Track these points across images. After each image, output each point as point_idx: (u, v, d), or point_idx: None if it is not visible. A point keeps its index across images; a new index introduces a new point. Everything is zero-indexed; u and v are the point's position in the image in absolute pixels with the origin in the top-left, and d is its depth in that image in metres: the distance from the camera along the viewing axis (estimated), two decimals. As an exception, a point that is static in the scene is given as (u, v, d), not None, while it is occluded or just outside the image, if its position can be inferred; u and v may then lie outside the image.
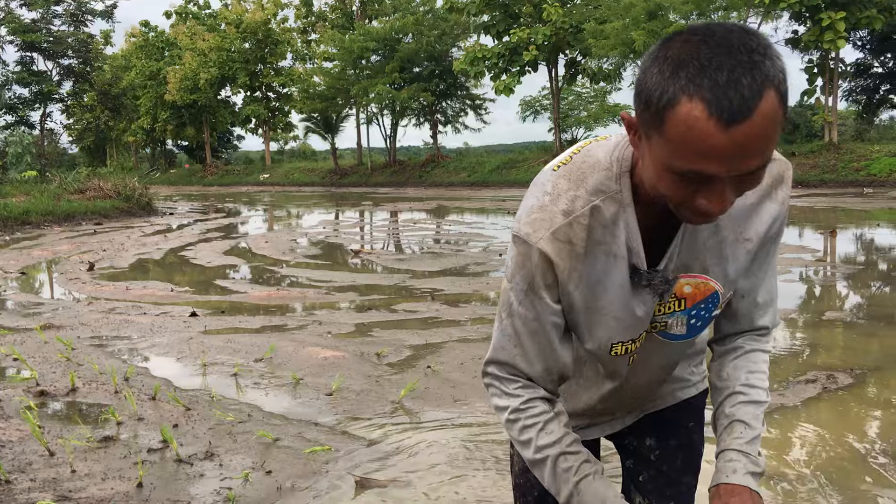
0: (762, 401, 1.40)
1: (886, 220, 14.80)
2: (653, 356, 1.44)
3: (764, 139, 1.03)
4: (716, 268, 1.32)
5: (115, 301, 7.87)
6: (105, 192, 21.16)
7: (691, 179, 1.07)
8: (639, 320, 1.34)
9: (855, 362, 4.98)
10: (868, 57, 34.29)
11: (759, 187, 1.24)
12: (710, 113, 0.99)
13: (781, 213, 1.33)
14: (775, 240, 1.36)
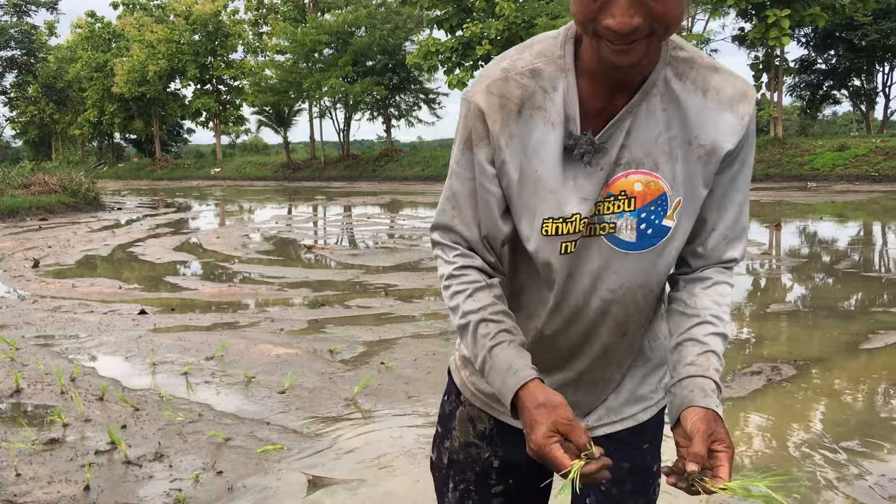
0: (727, 335, 1.35)
1: (829, 214, 15.19)
2: (602, 274, 1.33)
3: None
4: (665, 166, 1.27)
5: (60, 299, 7.71)
6: (50, 187, 20.66)
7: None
8: (575, 196, 1.27)
9: (799, 354, 5.12)
10: (812, 54, 35.09)
11: (720, 95, 1.27)
12: None
13: (743, 131, 1.28)
14: (742, 168, 1.32)
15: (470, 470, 1.58)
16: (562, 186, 1.27)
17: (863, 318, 6.20)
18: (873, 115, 35.73)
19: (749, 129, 1.29)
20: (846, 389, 4.44)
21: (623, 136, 1.26)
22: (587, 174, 1.27)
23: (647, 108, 1.26)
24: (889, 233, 12.76)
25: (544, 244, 1.31)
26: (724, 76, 1.29)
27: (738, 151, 1.30)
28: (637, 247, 1.31)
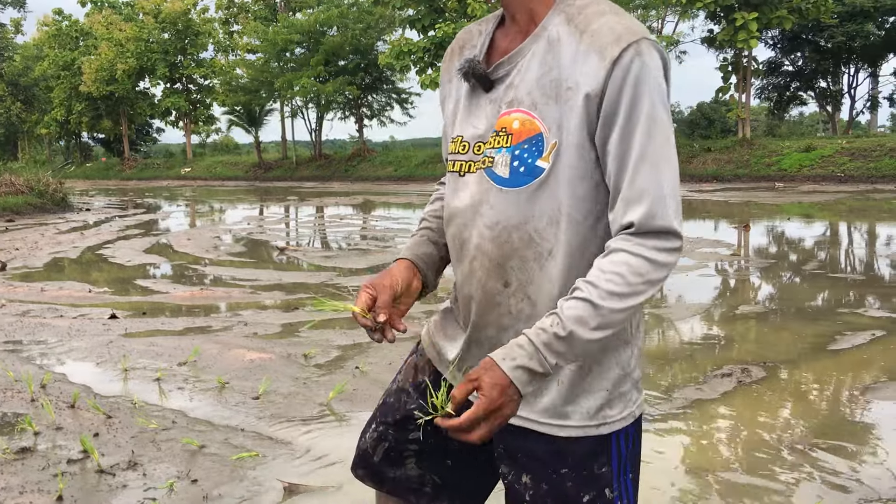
0: (589, 299, 1.25)
1: (796, 214, 15.42)
2: (480, 207, 1.38)
3: None
4: (544, 108, 1.31)
5: (29, 303, 7.60)
6: (17, 188, 20.35)
7: None
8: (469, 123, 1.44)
9: (768, 355, 5.20)
10: (779, 55, 35.58)
11: (594, 38, 1.28)
12: None
13: (606, 74, 1.26)
14: (629, 122, 1.27)
15: (391, 414, 1.69)
16: (464, 111, 1.46)
17: (830, 318, 6.32)
18: (839, 116, 36.31)
19: (623, 77, 1.26)
20: (815, 391, 4.53)
21: (513, 77, 1.37)
22: (484, 108, 1.41)
23: (534, 50, 1.35)
24: (854, 233, 12.99)
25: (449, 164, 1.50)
26: (608, 21, 1.29)
27: (614, 101, 1.27)
28: (510, 183, 1.34)
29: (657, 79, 1.28)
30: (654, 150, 1.28)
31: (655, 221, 1.28)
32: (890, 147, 24.42)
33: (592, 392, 1.39)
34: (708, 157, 28.05)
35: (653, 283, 1.29)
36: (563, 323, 1.24)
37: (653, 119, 1.27)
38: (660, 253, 1.28)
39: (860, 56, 32.83)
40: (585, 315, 1.24)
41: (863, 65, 34.02)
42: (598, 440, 1.41)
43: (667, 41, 28.43)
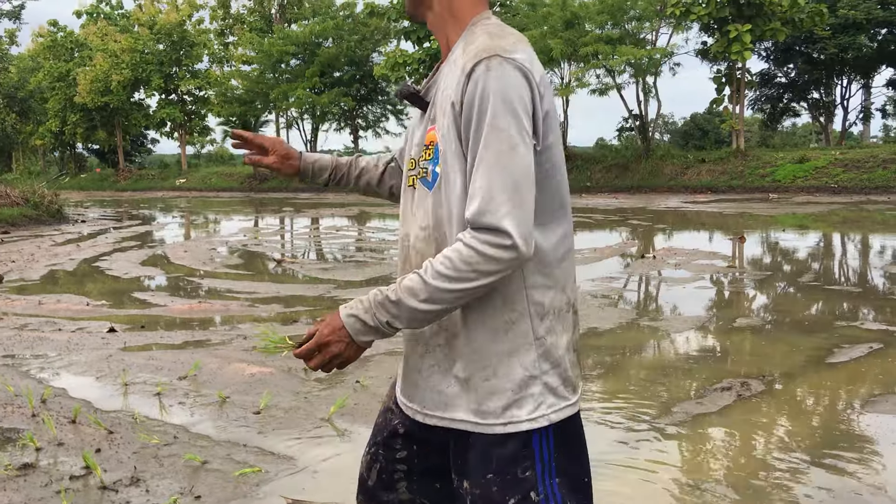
0: (422, 275, 1.45)
1: (791, 226, 15.48)
2: (416, 211, 1.59)
3: None
4: (440, 121, 1.52)
5: (27, 316, 7.59)
6: (12, 200, 20.30)
7: None
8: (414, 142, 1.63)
9: (767, 369, 5.22)
10: (772, 67, 35.78)
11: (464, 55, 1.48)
12: None
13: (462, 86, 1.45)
14: (475, 129, 1.44)
15: (380, 434, 1.77)
16: (413, 132, 1.65)
17: (827, 331, 6.35)
18: (832, 128, 36.49)
19: (472, 90, 1.44)
20: (815, 405, 4.55)
21: (433, 96, 1.58)
22: (421, 127, 1.61)
23: (444, 71, 1.55)
24: (849, 244, 13.05)
25: (404, 179, 1.67)
26: (479, 42, 1.47)
27: (468, 111, 1.45)
28: (429, 189, 1.55)
29: (503, 91, 1.42)
30: (491, 156, 1.42)
31: (485, 218, 1.41)
32: (883, 158, 24.56)
33: (498, 392, 1.50)
34: (702, 168, 28.16)
35: (482, 273, 1.41)
36: (398, 290, 1.46)
37: (493, 127, 1.41)
38: (489, 247, 1.40)
39: (853, 67, 33.05)
40: (416, 288, 1.44)
41: (855, 76, 34.24)
42: (518, 444, 1.50)
43: (661, 53, 28.57)
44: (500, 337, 1.50)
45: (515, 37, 1.50)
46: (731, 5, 26.25)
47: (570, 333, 1.56)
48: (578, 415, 1.59)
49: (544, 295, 1.51)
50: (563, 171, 1.57)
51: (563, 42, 28.21)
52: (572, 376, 1.56)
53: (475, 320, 1.50)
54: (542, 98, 1.47)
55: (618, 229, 15.48)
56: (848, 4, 29.56)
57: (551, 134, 1.50)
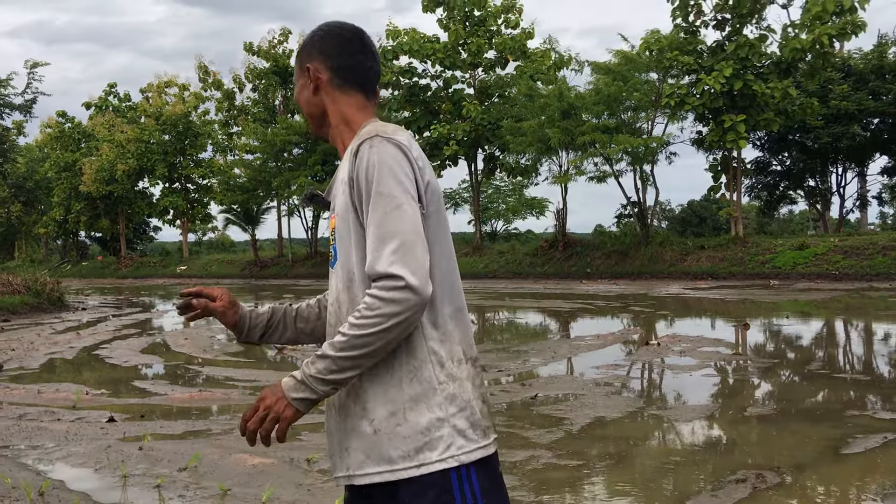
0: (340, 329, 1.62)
1: (794, 312, 15.44)
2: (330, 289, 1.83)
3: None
4: (335, 204, 1.78)
5: (26, 406, 7.48)
6: (14, 287, 20.30)
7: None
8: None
9: (781, 460, 5.11)
10: (767, 156, 36.33)
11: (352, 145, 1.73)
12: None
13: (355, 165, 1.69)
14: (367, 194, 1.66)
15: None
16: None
17: (838, 420, 6.24)
18: (829, 215, 36.82)
19: (359, 164, 1.68)
20: (834, 498, 4.44)
21: (332, 189, 1.83)
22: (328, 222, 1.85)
23: (341, 165, 1.79)
24: (853, 331, 12.99)
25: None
26: (366, 129, 1.75)
27: (358, 183, 1.68)
28: (331, 267, 1.81)
29: (386, 162, 1.65)
30: (378, 216, 1.63)
31: (377, 268, 1.61)
32: (882, 245, 24.69)
33: (409, 436, 1.63)
34: (702, 254, 28.28)
35: (386, 315, 1.58)
36: (322, 347, 1.64)
37: (378, 193, 1.64)
38: (385, 291, 1.58)
39: (847, 156, 33.55)
40: (335, 341, 1.61)
41: (850, 164, 34.73)
42: (437, 490, 1.61)
43: (657, 142, 29.06)
44: (405, 384, 1.65)
45: (395, 126, 1.76)
46: (725, 96, 26.86)
47: (471, 382, 1.71)
48: (494, 460, 1.71)
49: (441, 346, 1.68)
50: (446, 241, 1.76)
51: (560, 131, 28.74)
52: (482, 421, 1.70)
53: (382, 373, 1.65)
54: (421, 171, 1.70)
55: (620, 316, 15.43)
56: (839, 95, 30.24)
57: (432, 205, 1.71)
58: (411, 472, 1.61)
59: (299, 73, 1.88)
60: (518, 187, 49.75)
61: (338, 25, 1.91)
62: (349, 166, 1.71)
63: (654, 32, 28.08)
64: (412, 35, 34.63)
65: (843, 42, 27.63)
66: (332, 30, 1.90)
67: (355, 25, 1.92)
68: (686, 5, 27.78)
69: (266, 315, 2.03)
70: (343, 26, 1.91)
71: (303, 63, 1.87)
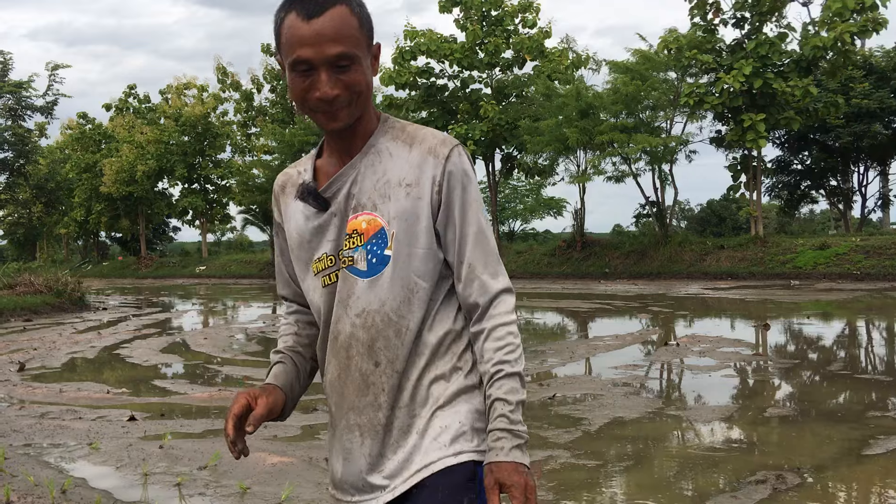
0: (514, 372, 1.56)
1: (815, 312, 15.30)
2: (349, 301, 1.61)
3: (338, 29, 1.50)
4: (382, 206, 1.59)
5: (48, 405, 7.56)
6: (36, 287, 20.51)
7: (300, 73, 1.52)
8: (324, 241, 1.65)
9: (801, 461, 5.07)
10: (788, 155, 36.04)
11: (423, 144, 1.61)
12: (297, 14, 1.50)
13: (445, 169, 1.59)
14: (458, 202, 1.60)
15: None
16: (314, 236, 1.66)
17: (860, 421, 6.19)
18: (851, 214, 36.46)
19: (451, 169, 1.60)
20: (854, 499, 4.40)
21: (350, 187, 1.62)
22: (331, 221, 1.63)
23: (367, 163, 1.62)
24: (875, 332, 12.86)
25: (312, 284, 1.68)
26: (429, 132, 1.64)
27: (449, 190, 1.59)
28: (368, 274, 1.59)
29: (471, 173, 1.63)
30: (477, 231, 1.61)
31: (497, 285, 1.61)
32: (904, 244, 24.42)
33: (449, 428, 1.58)
34: (721, 254, 28.09)
35: (517, 327, 1.62)
36: (509, 401, 1.54)
37: (474, 205, 1.62)
38: (510, 307, 1.61)
39: (869, 155, 33.21)
40: (516, 384, 1.56)
41: (872, 163, 34.37)
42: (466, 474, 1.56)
43: (676, 141, 28.93)
44: (451, 382, 1.60)
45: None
46: (744, 95, 26.67)
47: None
48: None
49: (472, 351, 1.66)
50: None
51: (578, 131, 28.65)
52: None
53: (430, 371, 1.60)
54: None
55: (638, 316, 15.36)
56: (861, 94, 29.95)
57: None
58: (448, 461, 1.56)
59: (363, 49, 1.55)
60: (536, 187, 49.69)
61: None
62: (437, 171, 1.58)
63: (673, 31, 27.94)
64: (429, 35, 34.64)
65: (864, 39, 27.36)
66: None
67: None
68: (704, 3, 27.61)
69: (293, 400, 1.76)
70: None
71: (370, 38, 1.58)
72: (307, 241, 1.66)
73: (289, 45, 1.51)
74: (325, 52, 1.49)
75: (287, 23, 1.51)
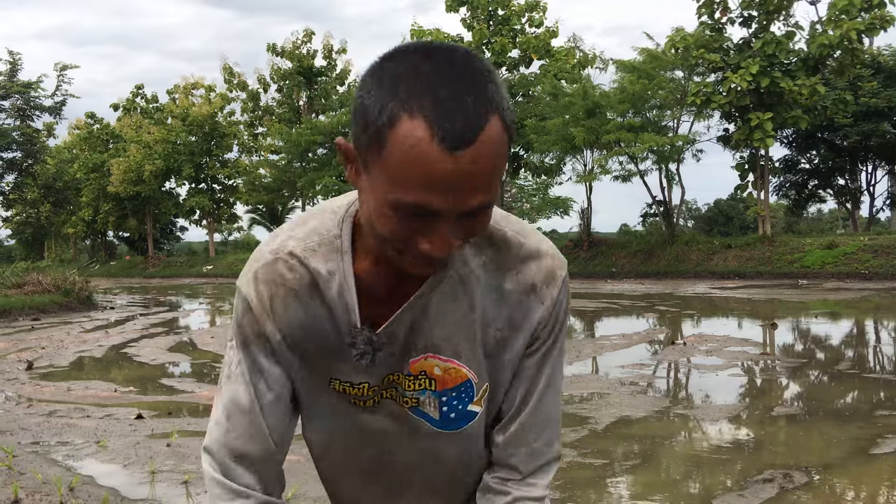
0: None
1: (823, 312, 15.26)
2: (410, 438, 1.26)
3: (490, 170, 0.95)
4: (468, 352, 1.19)
5: (56, 403, 7.59)
6: (44, 287, 20.59)
7: (412, 216, 0.97)
8: (363, 372, 1.19)
9: (808, 460, 5.06)
10: (795, 154, 35.96)
11: (524, 280, 1.17)
12: (434, 133, 0.91)
13: (549, 316, 1.20)
14: (543, 351, 1.23)
15: None
16: (344, 356, 1.18)
17: (868, 420, 6.17)
18: (859, 214, 36.35)
19: (556, 317, 1.22)
20: (863, 498, 4.38)
21: (418, 320, 1.16)
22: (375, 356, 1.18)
23: (443, 291, 1.16)
24: (883, 331, 12.81)
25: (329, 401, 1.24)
26: (531, 253, 1.19)
27: (544, 332, 1.22)
28: (441, 426, 1.24)
29: (568, 313, 1.26)
30: (559, 383, 1.27)
31: (553, 451, 1.28)
32: (913, 244, 24.33)
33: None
34: (729, 253, 28.04)
35: None
36: None
37: (562, 350, 1.26)
38: (548, 487, 1.28)
39: (877, 154, 33.11)
40: None
41: (880, 162, 34.27)
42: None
43: (683, 140, 28.89)
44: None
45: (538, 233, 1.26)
46: (752, 94, 26.62)
47: None
48: None
49: None
50: None
51: (585, 130, 28.65)
52: None
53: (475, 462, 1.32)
54: None
55: (645, 315, 15.34)
56: (869, 92, 29.86)
57: None
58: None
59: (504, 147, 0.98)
60: (542, 186, 49.69)
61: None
62: (541, 315, 1.20)
63: (680, 30, 27.90)
64: (436, 35, 34.68)
65: (871, 38, 27.26)
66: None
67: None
68: (711, 2, 27.57)
69: None
70: None
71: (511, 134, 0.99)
72: (332, 356, 1.19)
73: (406, 178, 0.94)
74: (463, 205, 0.96)
75: (412, 139, 0.92)
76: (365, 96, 0.97)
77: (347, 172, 1.06)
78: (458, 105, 0.91)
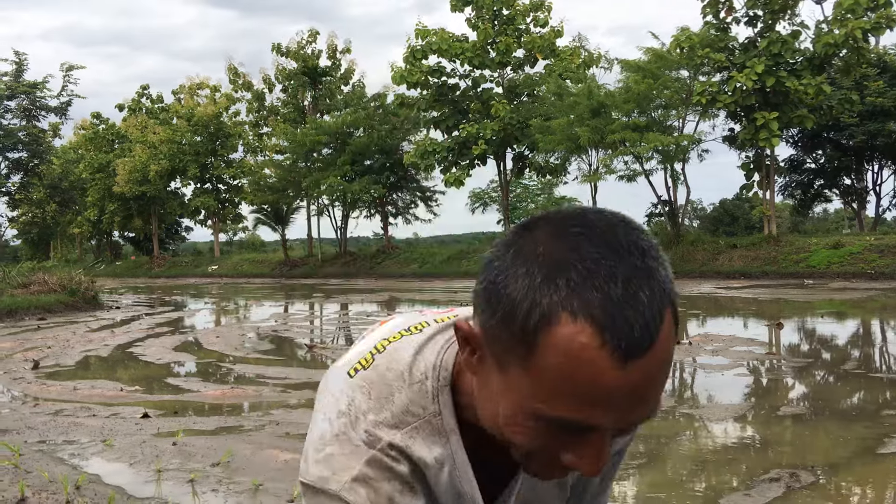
0: None
1: (829, 312, 15.22)
2: None
3: (664, 378, 0.80)
4: (556, 501, 1.09)
5: (62, 402, 7.61)
6: (50, 286, 20.64)
7: (560, 429, 0.79)
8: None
9: (815, 459, 5.05)
10: (801, 154, 35.86)
11: None
12: (605, 340, 0.73)
13: (628, 440, 1.12)
14: (616, 462, 1.17)
15: None
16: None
17: (874, 420, 6.15)
18: (865, 213, 36.24)
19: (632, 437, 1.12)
20: (870, 497, 4.37)
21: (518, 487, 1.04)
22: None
23: None
24: (889, 330, 12.77)
25: None
26: None
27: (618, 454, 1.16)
28: None
29: None
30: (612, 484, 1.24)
31: None
32: (919, 244, 24.25)
33: None
34: (734, 253, 27.99)
35: None
36: None
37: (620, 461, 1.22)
38: None
39: (883, 153, 33.00)
40: None
41: (886, 162, 34.15)
42: None
43: (688, 140, 28.81)
44: None
45: None
46: (757, 94, 26.56)
47: None
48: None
49: None
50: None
51: (590, 130, 28.61)
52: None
53: None
54: None
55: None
56: (875, 92, 29.77)
57: None
58: None
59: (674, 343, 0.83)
60: (547, 186, 49.69)
61: None
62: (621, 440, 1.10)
63: (685, 30, 27.85)
64: (441, 35, 34.67)
65: (877, 37, 27.18)
66: None
67: None
68: (717, 2, 27.52)
69: None
70: None
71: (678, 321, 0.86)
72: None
73: (561, 392, 0.77)
74: (626, 421, 0.80)
75: (575, 346, 0.74)
76: (502, 279, 0.78)
77: (464, 356, 0.86)
78: (633, 303, 0.74)
